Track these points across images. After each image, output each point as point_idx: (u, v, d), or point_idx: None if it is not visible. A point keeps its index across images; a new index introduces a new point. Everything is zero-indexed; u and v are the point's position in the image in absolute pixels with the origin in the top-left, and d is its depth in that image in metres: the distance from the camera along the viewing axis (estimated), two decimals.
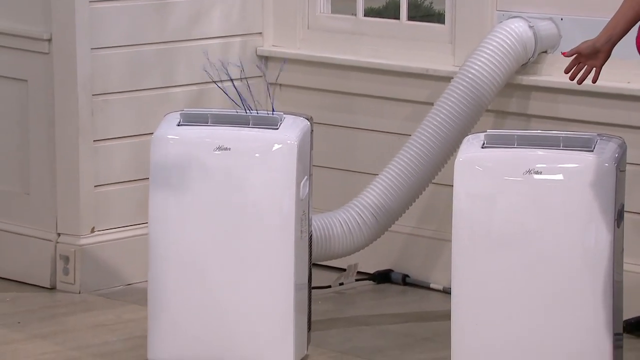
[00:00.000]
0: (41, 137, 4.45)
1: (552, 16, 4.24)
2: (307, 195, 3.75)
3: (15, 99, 4.49)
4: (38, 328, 4.08)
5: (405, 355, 3.88)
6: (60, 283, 4.45)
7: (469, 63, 4.16)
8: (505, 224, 3.42)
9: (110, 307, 4.28)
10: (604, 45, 3.43)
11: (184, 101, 4.52)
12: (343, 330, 4.08)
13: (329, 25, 4.61)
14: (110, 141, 4.44)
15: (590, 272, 3.40)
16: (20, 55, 4.44)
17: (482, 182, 3.45)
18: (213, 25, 4.57)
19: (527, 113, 4.27)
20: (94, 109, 4.40)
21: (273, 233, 3.64)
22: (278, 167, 3.65)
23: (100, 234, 4.45)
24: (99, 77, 4.39)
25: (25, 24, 4.42)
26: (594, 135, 3.49)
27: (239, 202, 3.65)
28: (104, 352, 3.90)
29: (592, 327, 3.40)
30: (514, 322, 3.43)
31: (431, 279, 4.45)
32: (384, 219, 4.14)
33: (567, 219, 3.40)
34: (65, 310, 4.26)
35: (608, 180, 3.40)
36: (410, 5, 4.50)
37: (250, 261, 3.65)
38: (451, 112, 4.13)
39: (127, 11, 4.42)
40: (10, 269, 4.52)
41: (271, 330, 3.66)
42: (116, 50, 4.41)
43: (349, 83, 4.56)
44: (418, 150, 4.13)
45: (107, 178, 4.44)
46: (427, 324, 4.13)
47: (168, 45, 4.50)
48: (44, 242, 4.46)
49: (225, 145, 3.66)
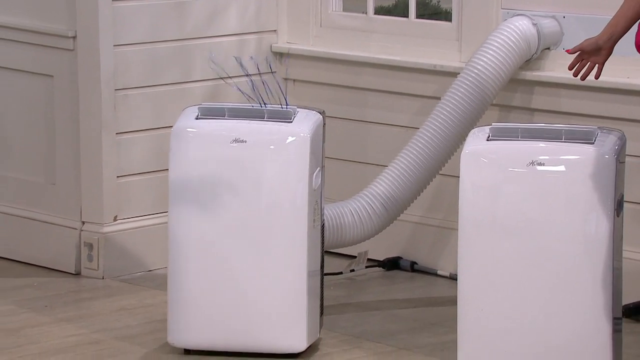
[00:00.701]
0: (66, 130, 4.45)
1: (555, 14, 4.22)
2: (320, 185, 3.75)
3: (42, 94, 4.50)
4: (64, 312, 4.09)
5: (413, 339, 3.87)
6: (84, 269, 4.45)
7: (474, 59, 4.15)
8: (509, 213, 3.41)
9: (132, 292, 4.28)
10: (606, 42, 3.42)
11: (201, 96, 4.52)
12: (354, 314, 4.07)
13: (341, 23, 4.61)
14: (132, 134, 4.44)
15: (591, 259, 3.39)
16: (47, 52, 4.45)
17: (487, 173, 3.44)
18: (229, 23, 4.56)
19: (531, 107, 4.25)
20: (116, 103, 4.40)
21: (287, 222, 3.64)
22: (292, 158, 3.64)
23: (123, 222, 4.45)
24: (121, 72, 4.39)
25: (51, 23, 4.43)
26: (595, 128, 3.48)
27: (255, 192, 3.64)
28: (126, 335, 3.90)
29: (593, 312, 3.39)
30: (518, 307, 3.42)
31: (438, 265, 4.45)
32: (393, 208, 4.13)
33: (569, 208, 3.39)
34: (89, 295, 4.27)
35: (608, 172, 3.39)
36: (419, 3, 4.48)
37: (265, 248, 3.65)
38: (457, 106, 4.12)
39: (148, 10, 4.41)
40: (37, 255, 4.52)
41: (285, 315, 3.66)
42: (137, 47, 4.41)
43: (359, 78, 4.55)
44: (426, 143, 4.12)
45: (128, 169, 4.45)
46: (434, 309, 4.12)
47: (186, 43, 4.49)
48: (69, 230, 4.47)
49: (241, 137, 3.65)
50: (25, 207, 4.55)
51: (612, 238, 3.39)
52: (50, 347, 3.79)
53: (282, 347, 3.68)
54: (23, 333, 3.89)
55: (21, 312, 4.08)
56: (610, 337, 3.40)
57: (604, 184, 3.39)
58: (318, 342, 3.81)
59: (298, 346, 3.69)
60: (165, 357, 3.73)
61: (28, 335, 3.88)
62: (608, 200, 3.38)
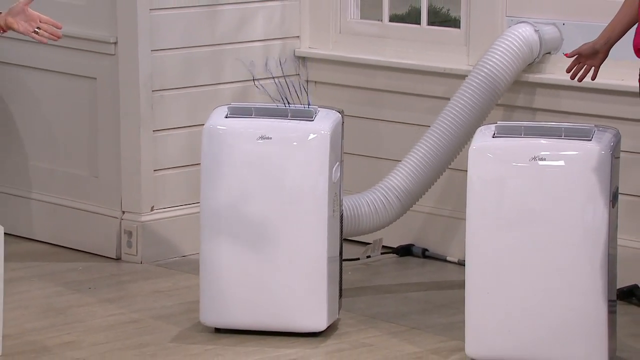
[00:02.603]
0: (108, 127, 4.43)
1: (556, 21, 4.18)
2: (339, 178, 3.71)
3: (86, 95, 4.47)
4: (106, 293, 4.07)
5: (424, 319, 3.84)
6: (124, 254, 4.43)
7: (481, 63, 4.11)
8: (513, 204, 3.39)
9: (168, 275, 4.26)
10: (603, 46, 3.39)
11: (230, 96, 4.49)
12: (370, 297, 4.04)
13: (359, 29, 4.57)
14: (167, 131, 4.42)
15: (589, 246, 3.35)
16: (90, 56, 4.42)
17: (493, 167, 3.41)
18: (256, 30, 4.53)
19: (533, 107, 4.22)
20: (153, 103, 4.37)
21: (308, 212, 3.61)
22: (313, 154, 3.61)
23: (159, 212, 4.42)
24: (158, 75, 4.36)
25: (94, 29, 4.40)
26: (592, 127, 3.46)
27: (279, 185, 3.61)
28: (162, 315, 3.88)
29: (590, 295, 3.36)
30: (521, 290, 3.39)
31: (448, 252, 4.41)
32: (406, 199, 4.10)
33: (568, 199, 3.36)
34: (129, 278, 4.24)
35: (604, 166, 3.36)
36: (430, 12, 4.45)
37: (288, 237, 3.61)
38: (465, 106, 4.08)
39: (182, 18, 4.39)
40: (81, 242, 4.50)
41: (307, 298, 3.63)
42: (172, 51, 4.38)
43: (375, 80, 4.51)
44: (436, 140, 4.09)
45: (164, 163, 4.42)
46: (444, 292, 4.09)
47: (217, 47, 4.46)
48: (110, 219, 4.44)
49: (267, 134, 3.62)
50: (71, 198, 4.53)
51: (608, 227, 3.37)
52: (95, 325, 3.77)
53: (304, 327, 3.65)
54: (70, 312, 3.88)
55: (68, 293, 4.07)
56: (606, 318, 3.37)
57: (601, 177, 3.35)
58: (337, 322, 3.78)
59: (319, 326, 3.66)
60: (197, 335, 3.70)
61: (74, 314, 3.87)
62: (604, 193, 3.35)
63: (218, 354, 3.58)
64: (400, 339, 3.67)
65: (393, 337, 3.69)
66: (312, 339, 3.65)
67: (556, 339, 3.37)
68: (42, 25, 3.16)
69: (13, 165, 4.66)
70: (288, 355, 3.56)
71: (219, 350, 3.60)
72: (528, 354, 3.40)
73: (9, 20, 3.12)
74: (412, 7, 4.57)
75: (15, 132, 4.65)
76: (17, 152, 4.65)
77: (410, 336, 3.70)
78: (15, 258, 4.36)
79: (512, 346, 3.40)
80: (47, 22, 3.16)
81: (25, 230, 4.62)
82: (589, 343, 3.36)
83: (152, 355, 3.57)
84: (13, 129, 4.65)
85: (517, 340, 3.40)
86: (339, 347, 3.62)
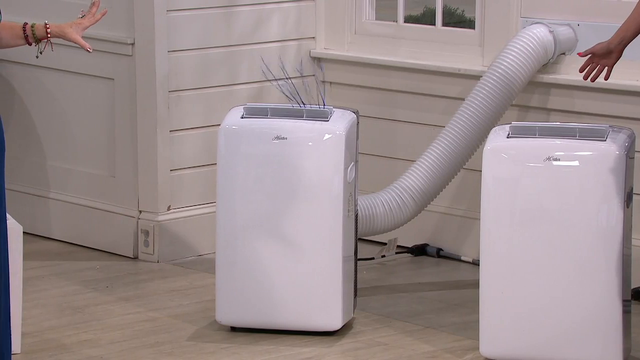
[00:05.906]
0: (125, 127, 4.42)
1: (570, 22, 4.16)
2: (354, 179, 3.70)
3: (104, 95, 4.47)
4: (123, 292, 4.07)
5: (438, 319, 3.82)
6: (141, 253, 4.43)
7: (496, 63, 4.09)
8: (527, 204, 3.37)
9: (184, 274, 4.26)
10: (617, 46, 3.37)
11: (246, 96, 4.48)
12: (385, 296, 4.03)
13: (373, 30, 4.56)
14: (184, 131, 4.41)
15: (603, 246, 3.34)
16: (108, 57, 4.42)
17: (507, 167, 3.39)
18: (272, 31, 4.52)
19: (547, 107, 4.20)
20: (170, 104, 4.37)
21: (324, 212, 3.60)
22: (328, 154, 3.60)
23: (175, 211, 4.42)
24: (174, 75, 4.36)
25: (112, 31, 4.40)
26: (606, 127, 3.44)
27: (294, 184, 3.60)
28: (179, 313, 3.87)
29: (605, 295, 3.34)
30: (535, 290, 3.37)
31: (462, 252, 4.39)
32: (420, 199, 4.08)
33: (583, 200, 3.34)
34: (146, 277, 4.24)
35: (619, 167, 3.34)
36: (445, 12, 4.43)
37: (304, 236, 3.60)
38: (480, 107, 4.07)
39: (199, 19, 4.38)
40: (99, 241, 4.50)
41: (323, 296, 3.62)
42: (189, 52, 4.38)
43: (390, 81, 4.50)
44: (451, 140, 4.08)
45: (181, 163, 4.42)
46: (458, 292, 4.07)
47: (233, 48, 4.46)
48: (127, 219, 4.44)
49: (282, 135, 3.62)
50: (89, 198, 4.53)
51: (623, 227, 3.35)
52: (112, 323, 3.77)
53: (320, 325, 3.64)
54: (88, 310, 3.88)
55: (86, 291, 4.07)
56: (621, 317, 3.36)
57: (615, 178, 3.33)
58: (352, 321, 3.76)
59: (334, 324, 3.65)
60: (213, 333, 3.69)
61: (92, 312, 3.87)
62: (619, 193, 3.33)
63: (234, 352, 3.57)
64: (415, 338, 3.66)
65: (408, 336, 3.68)
66: (327, 337, 3.64)
67: (571, 339, 3.35)
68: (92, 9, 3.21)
69: (31, 165, 4.67)
70: (303, 354, 3.55)
71: (235, 348, 3.59)
72: (542, 354, 3.38)
73: (67, 30, 3.16)
74: (427, 8, 4.56)
75: (33, 132, 4.66)
76: (36, 152, 4.66)
77: (424, 335, 3.68)
78: (34, 257, 4.37)
79: (526, 345, 3.39)
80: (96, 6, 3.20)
81: (43, 230, 4.62)
82: (603, 343, 3.34)
83: (168, 353, 3.56)
84: (31, 129, 4.66)
85: (531, 339, 3.38)
86: (354, 346, 3.61)
